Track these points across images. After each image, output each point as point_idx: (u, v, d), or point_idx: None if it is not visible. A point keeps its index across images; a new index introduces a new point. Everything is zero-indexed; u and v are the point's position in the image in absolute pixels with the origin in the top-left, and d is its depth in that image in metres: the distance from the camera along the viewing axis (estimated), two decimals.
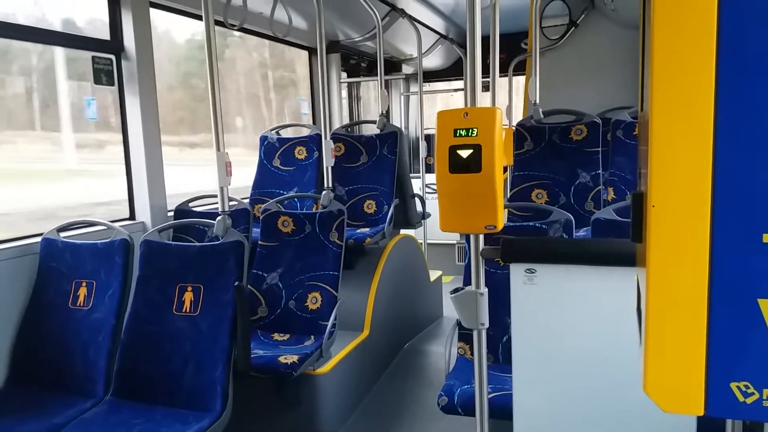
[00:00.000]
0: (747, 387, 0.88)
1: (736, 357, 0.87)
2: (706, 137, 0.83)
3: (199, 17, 2.82)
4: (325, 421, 3.13)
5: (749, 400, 0.88)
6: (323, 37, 3.52)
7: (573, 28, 4.96)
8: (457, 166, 1.71)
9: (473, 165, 1.68)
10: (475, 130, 1.68)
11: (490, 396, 2.20)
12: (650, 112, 0.85)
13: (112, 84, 3.29)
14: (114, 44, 3.28)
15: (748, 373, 0.87)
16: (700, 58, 0.82)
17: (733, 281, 0.85)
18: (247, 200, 4.20)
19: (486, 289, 1.91)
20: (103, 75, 3.21)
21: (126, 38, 3.29)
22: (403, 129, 6.99)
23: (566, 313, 1.86)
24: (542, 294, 1.86)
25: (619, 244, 1.79)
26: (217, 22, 3.12)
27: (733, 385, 0.88)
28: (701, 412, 0.90)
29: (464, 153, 1.68)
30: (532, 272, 1.85)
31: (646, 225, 0.89)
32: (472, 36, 1.76)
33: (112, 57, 3.28)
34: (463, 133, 1.69)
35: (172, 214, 3.59)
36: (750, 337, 0.86)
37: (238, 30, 3.53)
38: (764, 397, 0.87)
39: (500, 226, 1.76)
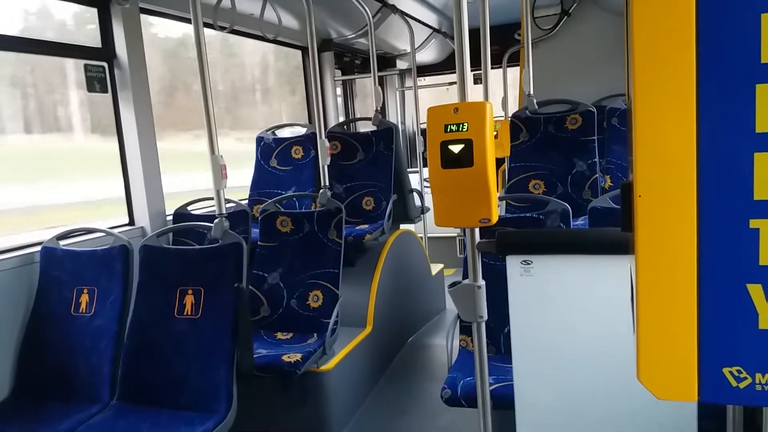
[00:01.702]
0: (739, 372, 0.88)
1: (728, 342, 0.88)
2: (689, 126, 0.83)
3: (188, 20, 2.81)
4: (331, 418, 3.15)
5: (742, 385, 0.88)
6: (314, 36, 3.52)
7: (565, 17, 4.94)
8: (449, 161, 1.71)
9: (465, 160, 1.69)
10: (466, 125, 1.68)
11: (492, 387, 2.21)
12: (633, 101, 0.86)
13: (106, 91, 3.29)
14: (106, 52, 3.28)
15: (740, 358, 0.88)
16: (681, 47, 0.82)
17: (722, 267, 0.86)
18: (246, 201, 4.21)
19: (483, 282, 1.91)
20: (96, 83, 3.21)
21: (117, 45, 3.30)
22: (399, 124, 6.98)
23: (564, 303, 1.87)
24: (539, 285, 1.87)
25: (613, 232, 1.79)
26: (207, 25, 3.12)
27: (725, 371, 0.89)
28: (695, 399, 0.90)
29: (455, 148, 1.69)
30: (529, 264, 1.86)
31: (633, 215, 0.90)
32: (459, 31, 1.76)
33: (105, 64, 3.28)
34: (454, 128, 1.69)
35: (171, 218, 3.60)
36: (740, 322, 0.87)
37: (228, 32, 3.52)
38: (757, 382, 0.88)
39: (494, 220, 1.76)
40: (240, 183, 4.40)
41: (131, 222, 3.48)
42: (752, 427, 1.64)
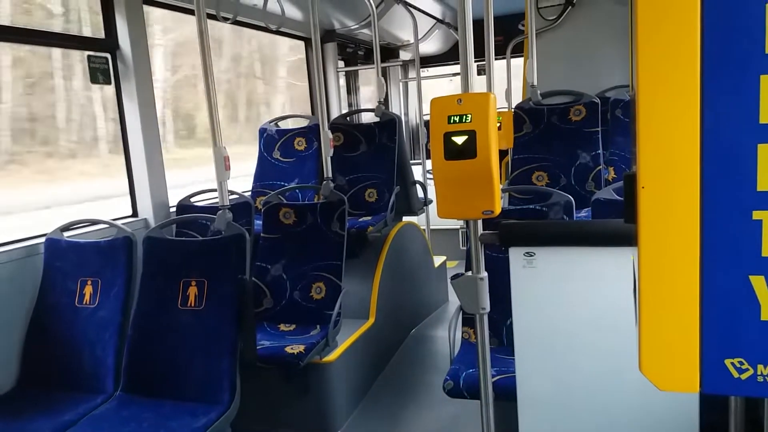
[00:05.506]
0: (741, 363, 0.88)
1: (730, 334, 0.88)
2: (693, 116, 0.83)
3: (191, 12, 2.80)
4: (334, 409, 3.16)
5: (744, 376, 0.88)
6: (317, 27, 3.50)
7: (570, 7, 4.91)
8: (452, 152, 1.70)
9: (468, 151, 1.68)
10: (469, 116, 1.67)
11: (494, 379, 2.22)
12: (637, 92, 0.86)
13: (109, 82, 3.28)
14: (109, 43, 3.28)
15: (742, 349, 0.88)
16: (685, 38, 0.82)
17: (724, 259, 0.86)
18: (249, 193, 4.22)
19: (486, 274, 1.91)
20: (99, 74, 3.21)
21: (120, 36, 3.29)
22: (402, 116, 6.96)
23: (567, 295, 1.87)
24: (542, 277, 1.87)
25: (616, 224, 1.79)
26: (210, 16, 3.11)
27: (727, 362, 0.89)
28: (697, 390, 0.90)
29: (459, 139, 1.68)
30: (531, 255, 1.86)
31: (637, 206, 0.90)
32: (462, 22, 1.75)
33: (108, 55, 3.27)
34: (457, 119, 1.68)
35: (174, 209, 3.61)
36: (742, 313, 0.87)
37: (231, 23, 3.51)
38: (759, 373, 0.88)
39: (497, 211, 1.76)
40: None
41: (134, 213, 3.48)
42: (755, 419, 1.65)
